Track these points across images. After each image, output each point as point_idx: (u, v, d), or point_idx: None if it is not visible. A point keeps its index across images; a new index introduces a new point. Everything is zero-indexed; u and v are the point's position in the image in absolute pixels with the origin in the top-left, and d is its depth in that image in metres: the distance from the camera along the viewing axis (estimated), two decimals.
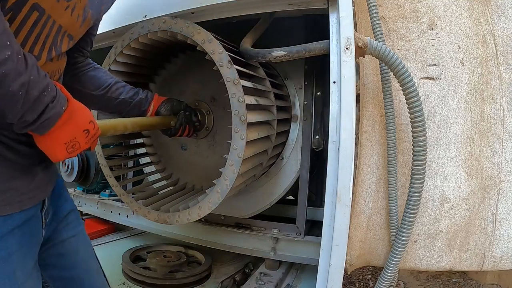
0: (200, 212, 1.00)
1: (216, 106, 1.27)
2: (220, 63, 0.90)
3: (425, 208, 1.01)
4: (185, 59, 1.36)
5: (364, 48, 0.86)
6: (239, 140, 0.89)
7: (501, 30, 1.02)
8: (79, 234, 0.82)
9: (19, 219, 0.58)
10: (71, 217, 0.81)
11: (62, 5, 0.55)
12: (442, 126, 1.01)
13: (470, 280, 2.41)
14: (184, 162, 1.38)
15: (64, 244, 0.77)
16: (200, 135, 1.29)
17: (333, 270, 0.79)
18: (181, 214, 1.05)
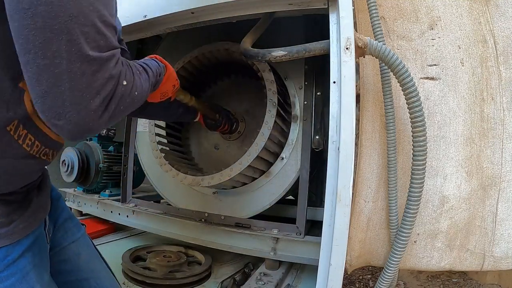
0: (231, 172, 1.27)
1: (248, 117, 1.66)
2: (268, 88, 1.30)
3: (425, 208, 1.01)
4: (228, 82, 1.76)
5: (364, 48, 0.86)
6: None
7: (501, 30, 1.02)
8: (79, 239, 0.85)
9: (27, 242, 0.64)
10: (68, 225, 0.84)
11: None
12: (442, 126, 1.01)
13: (470, 280, 2.41)
14: (215, 159, 1.64)
15: (65, 251, 0.80)
16: (232, 137, 1.65)
17: (333, 270, 0.79)
18: (214, 176, 1.31)
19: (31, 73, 0.44)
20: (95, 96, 0.47)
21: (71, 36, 0.43)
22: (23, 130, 0.57)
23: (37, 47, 0.42)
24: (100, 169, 1.88)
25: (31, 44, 0.42)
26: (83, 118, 0.47)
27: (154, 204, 1.70)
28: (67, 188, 2.09)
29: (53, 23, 0.41)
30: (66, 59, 0.43)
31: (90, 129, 0.49)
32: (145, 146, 1.73)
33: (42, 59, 0.42)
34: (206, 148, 1.75)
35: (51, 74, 0.43)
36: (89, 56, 0.45)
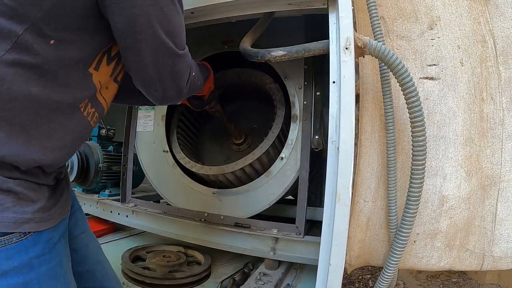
0: (254, 155, 1.44)
1: (254, 131, 1.87)
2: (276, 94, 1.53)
3: (424, 208, 1.01)
4: (238, 104, 1.97)
5: (363, 48, 0.86)
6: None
7: (501, 30, 1.02)
8: (87, 231, 0.89)
9: (62, 228, 0.69)
10: (78, 215, 0.87)
11: None
12: (442, 126, 1.01)
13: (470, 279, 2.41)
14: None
15: (76, 240, 0.83)
16: (242, 148, 1.82)
17: (333, 270, 0.79)
18: (238, 162, 1.47)
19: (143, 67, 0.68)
20: (181, 76, 0.75)
21: (168, 45, 0.67)
22: (91, 108, 0.70)
23: (148, 54, 0.66)
24: (100, 169, 1.88)
25: (143, 52, 0.65)
26: (170, 92, 0.75)
27: (153, 204, 1.70)
28: None
29: (158, 39, 0.65)
30: (164, 57, 0.68)
31: (173, 99, 0.79)
32: (145, 146, 1.74)
33: (151, 58, 0.67)
34: (218, 159, 1.90)
35: (157, 66, 0.68)
36: (177, 53, 0.70)
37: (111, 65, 0.71)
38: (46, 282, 0.61)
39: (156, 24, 0.63)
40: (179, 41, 0.71)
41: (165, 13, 0.64)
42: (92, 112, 0.71)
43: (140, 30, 0.62)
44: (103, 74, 0.69)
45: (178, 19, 0.69)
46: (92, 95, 0.69)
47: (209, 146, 1.99)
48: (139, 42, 0.63)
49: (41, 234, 0.61)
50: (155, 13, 0.62)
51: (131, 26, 0.61)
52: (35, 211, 0.60)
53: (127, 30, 0.62)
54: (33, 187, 0.61)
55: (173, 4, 0.67)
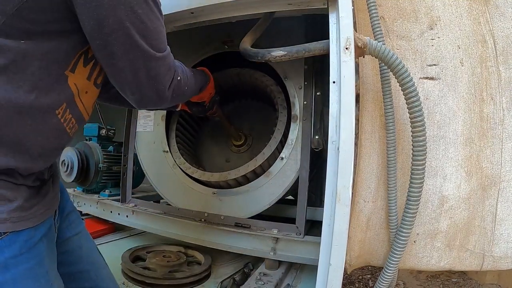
0: (256, 162, 1.45)
1: (254, 131, 1.88)
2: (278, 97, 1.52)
3: (424, 208, 1.01)
4: (237, 104, 1.99)
5: (363, 48, 0.86)
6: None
7: (501, 30, 1.02)
8: (81, 232, 0.88)
9: (44, 228, 0.67)
10: (72, 217, 0.86)
11: None
12: (442, 126, 1.01)
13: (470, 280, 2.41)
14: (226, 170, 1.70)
15: (69, 242, 0.83)
16: (242, 150, 1.84)
17: (333, 270, 0.79)
18: (241, 168, 1.47)
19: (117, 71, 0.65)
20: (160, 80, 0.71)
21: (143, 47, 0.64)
22: (69, 114, 0.68)
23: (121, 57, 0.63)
24: (100, 169, 1.88)
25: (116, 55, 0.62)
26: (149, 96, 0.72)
27: (153, 204, 1.70)
28: (66, 188, 2.08)
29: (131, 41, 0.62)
30: (139, 61, 0.65)
31: (153, 102, 0.75)
32: (145, 146, 1.75)
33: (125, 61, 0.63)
34: (218, 161, 1.92)
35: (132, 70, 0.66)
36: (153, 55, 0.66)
37: (88, 66, 0.68)
38: (22, 283, 0.60)
39: (127, 25, 0.59)
40: (156, 43, 0.67)
41: (137, 13, 0.61)
42: (69, 118, 0.68)
43: (110, 31, 0.58)
44: (79, 76, 0.67)
45: (154, 20, 0.65)
46: (69, 100, 0.66)
47: (208, 147, 1.99)
48: (111, 44, 0.60)
49: (19, 234, 0.60)
50: (125, 13, 0.59)
51: (100, 27, 0.58)
52: (11, 211, 0.59)
53: (96, 31, 0.58)
54: (9, 186, 0.60)
55: (145, 4, 0.62)
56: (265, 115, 1.88)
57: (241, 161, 1.83)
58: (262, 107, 1.92)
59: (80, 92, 0.68)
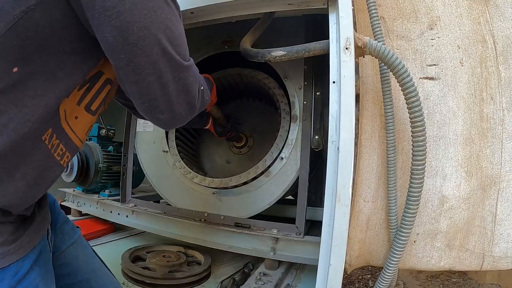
0: (258, 170, 1.44)
1: (255, 132, 1.89)
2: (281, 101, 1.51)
3: (424, 208, 1.01)
4: (238, 103, 1.99)
5: (363, 48, 0.86)
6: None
7: (501, 30, 1.02)
8: (76, 241, 0.85)
9: (34, 255, 0.63)
10: (65, 228, 0.84)
11: None
12: (442, 126, 1.01)
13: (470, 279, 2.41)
14: (228, 172, 1.79)
15: (64, 254, 0.80)
16: (242, 151, 1.86)
17: (333, 270, 0.79)
18: (242, 175, 1.47)
19: (145, 87, 0.57)
20: (191, 92, 0.64)
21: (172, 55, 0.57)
22: (56, 140, 0.61)
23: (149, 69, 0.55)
24: (100, 169, 1.88)
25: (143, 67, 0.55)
26: (180, 113, 0.64)
27: (153, 204, 1.70)
28: (66, 188, 2.08)
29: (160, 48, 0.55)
30: (169, 72, 0.58)
31: (183, 119, 0.67)
32: (144, 146, 1.75)
33: (153, 74, 0.56)
34: (218, 163, 1.93)
35: (161, 83, 0.58)
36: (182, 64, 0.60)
37: (81, 90, 0.62)
38: None
39: (154, 31, 0.53)
40: (183, 50, 0.61)
41: (162, 17, 0.54)
42: (57, 144, 0.61)
43: (136, 39, 0.52)
44: (70, 101, 0.60)
45: (178, 24, 0.59)
46: (55, 125, 0.60)
47: (208, 148, 1.99)
48: (137, 56, 0.53)
49: (6, 270, 0.56)
50: (150, 18, 0.52)
51: (124, 37, 0.51)
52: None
53: (120, 42, 0.51)
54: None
55: (168, 7, 0.56)
56: (265, 114, 1.87)
57: (242, 162, 1.85)
58: (262, 107, 1.92)
59: (68, 116, 0.62)
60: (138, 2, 0.51)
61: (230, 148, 1.90)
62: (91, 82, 0.64)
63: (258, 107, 1.95)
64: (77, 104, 0.63)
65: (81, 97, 0.62)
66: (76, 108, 0.63)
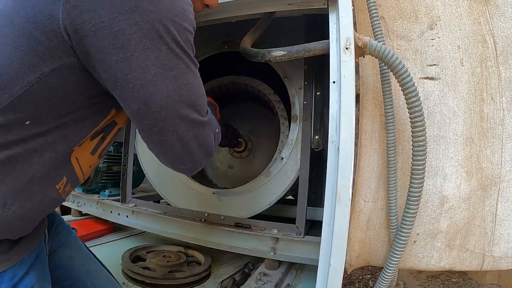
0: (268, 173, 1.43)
1: (253, 136, 1.89)
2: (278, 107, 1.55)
3: (424, 208, 1.01)
4: (234, 107, 1.98)
5: (363, 48, 0.86)
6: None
7: (501, 30, 1.02)
8: (70, 242, 0.85)
9: (30, 259, 0.64)
10: (60, 230, 0.84)
11: None
12: (442, 126, 1.01)
13: (470, 280, 2.41)
14: (231, 177, 1.82)
15: (59, 256, 0.80)
16: (243, 155, 1.86)
17: (333, 270, 0.79)
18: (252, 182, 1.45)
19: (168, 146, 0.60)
20: (210, 143, 0.66)
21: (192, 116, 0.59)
22: (70, 187, 0.66)
23: (172, 131, 0.58)
24: (100, 169, 1.88)
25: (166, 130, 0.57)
26: (200, 161, 0.66)
27: (153, 204, 1.70)
28: None
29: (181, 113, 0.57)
30: (190, 130, 0.60)
31: (203, 165, 0.69)
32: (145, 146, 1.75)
33: (176, 135, 0.59)
34: (221, 169, 1.94)
35: (183, 142, 0.60)
36: (202, 121, 0.62)
37: (94, 140, 0.65)
38: None
39: (175, 97, 0.55)
40: (202, 107, 0.63)
41: (183, 83, 0.57)
42: (68, 189, 0.66)
43: (159, 109, 0.54)
44: (83, 150, 0.64)
45: (197, 84, 0.61)
46: (71, 174, 0.64)
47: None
48: (160, 121, 0.56)
49: (3, 274, 0.57)
50: (172, 85, 0.55)
51: (147, 106, 0.54)
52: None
53: (143, 111, 0.55)
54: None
55: (189, 70, 0.58)
56: (261, 116, 1.86)
57: (244, 166, 1.86)
58: (257, 109, 1.91)
59: (83, 166, 0.66)
60: (160, 73, 0.53)
61: (230, 153, 1.90)
62: (105, 132, 0.67)
63: (253, 109, 1.94)
64: (91, 154, 0.67)
65: (95, 146, 0.66)
66: (90, 157, 0.67)
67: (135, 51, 0.50)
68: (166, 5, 0.52)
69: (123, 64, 0.51)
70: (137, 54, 0.50)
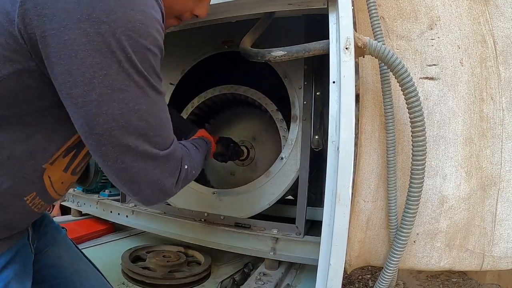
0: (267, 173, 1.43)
1: (256, 142, 1.83)
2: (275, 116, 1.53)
3: (424, 208, 1.01)
4: (233, 111, 1.94)
5: (363, 48, 0.86)
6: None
7: (501, 30, 1.02)
8: (59, 241, 0.85)
9: (10, 253, 0.63)
10: (48, 229, 0.83)
11: None
12: (442, 126, 1.01)
13: (470, 279, 2.41)
14: (233, 184, 1.74)
15: (48, 255, 0.80)
16: (245, 163, 1.80)
17: (333, 270, 0.79)
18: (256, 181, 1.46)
19: (113, 173, 0.56)
20: (165, 182, 0.60)
21: (143, 148, 0.54)
22: (39, 200, 0.63)
23: (116, 159, 0.53)
24: (100, 169, 1.88)
25: (110, 157, 0.53)
26: (156, 196, 0.61)
27: None
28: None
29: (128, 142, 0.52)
30: (140, 162, 0.55)
31: (158, 202, 0.64)
32: None
33: (121, 163, 0.53)
34: (223, 175, 1.92)
35: (129, 173, 0.55)
36: (156, 155, 0.56)
37: (67, 158, 0.62)
38: None
39: (121, 123, 0.50)
40: (160, 139, 0.57)
41: (135, 109, 0.51)
42: (38, 203, 0.64)
43: (102, 131, 0.49)
44: (56, 167, 0.62)
45: (154, 112, 0.54)
46: (41, 191, 0.62)
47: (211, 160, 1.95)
48: (103, 145, 0.51)
49: None
50: (120, 110, 0.49)
51: (90, 126, 0.49)
52: None
53: (86, 130, 0.50)
54: None
55: (146, 97, 0.52)
56: (264, 121, 1.82)
57: (247, 174, 1.84)
58: (259, 113, 1.86)
59: (54, 183, 0.63)
60: (106, 93, 0.48)
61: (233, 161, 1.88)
62: (77, 149, 0.63)
63: (255, 114, 1.89)
64: (64, 171, 0.64)
65: (68, 164, 0.64)
66: (63, 174, 0.64)
67: (81, 65, 0.46)
68: (122, 17, 0.46)
69: (67, 77, 0.47)
70: (84, 68, 0.46)
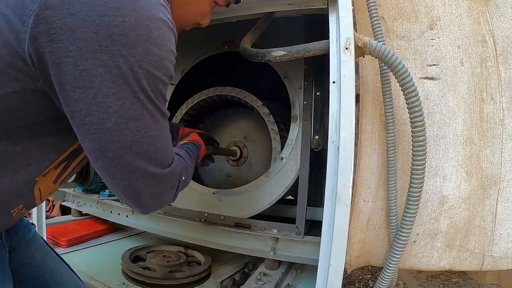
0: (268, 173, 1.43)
1: (248, 142, 1.81)
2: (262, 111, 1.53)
3: (424, 208, 1.01)
4: (226, 112, 1.93)
5: (363, 48, 0.86)
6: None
7: (501, 30, 1.02)
8: (31, 240, 0.84)
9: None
10: (19, 227, 0.83)
11: None
12: (442, 126, 1.01)
13: (470, 280, 2.41)
14: (229, 184, 1.75)
15: (21, 254, 0.80)
16: (240, 163, 1.79)
17: (333, 270, 0.79)
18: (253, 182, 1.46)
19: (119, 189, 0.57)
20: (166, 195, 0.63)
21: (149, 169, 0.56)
22: (24, 210, 0.64)
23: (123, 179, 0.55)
24: None
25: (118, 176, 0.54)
26: (156, 207, 0.64)
27: None
28: (66, 188, 2.08)
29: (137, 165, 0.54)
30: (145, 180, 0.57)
31: (154, 211, 0.66)
32: None
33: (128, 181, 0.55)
34: (219, 177, 1.91)
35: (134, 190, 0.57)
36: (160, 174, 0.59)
37: (58, 169, 0.63)
38: None
39: (134, 149, 0.53)
40: (163, 160, 0.60)
41: (146, 136, 0.53)
42: (22, 212, 0.64)
43: (114, 156, 0.52)
44: (47, 179, 0.62)
45: (162, 135, 0.57)
46: (29, 202, 0.62)
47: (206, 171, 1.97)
48: (113, 167, 0.53)
49: None
50: (132, 138, 0.52)
51: (102, 151, 0.51)
52: None
53: (98, 154, 0.52)
54: None
55: (156, 123, 0.54)
56: (256, 120, 1.80)
57: (242, 174, 1.83)
58: (249, 112, 1.84)
59: (42, 195, 0.64)
60: (121, 122, 0.49)
61: (227, 162, 1.87)
62: (69, 160, 0.64)
63: (242, 116, 1.88)
64: (53, 182, 0.64)
65: (58, 175, 0.64)
66: (52, 186, 0.65)
67: (97, 95, 0.47)
68: (141, 51, 0.48)
69: (81, 105, 0.47)
70: (99, 98, 0.47)
